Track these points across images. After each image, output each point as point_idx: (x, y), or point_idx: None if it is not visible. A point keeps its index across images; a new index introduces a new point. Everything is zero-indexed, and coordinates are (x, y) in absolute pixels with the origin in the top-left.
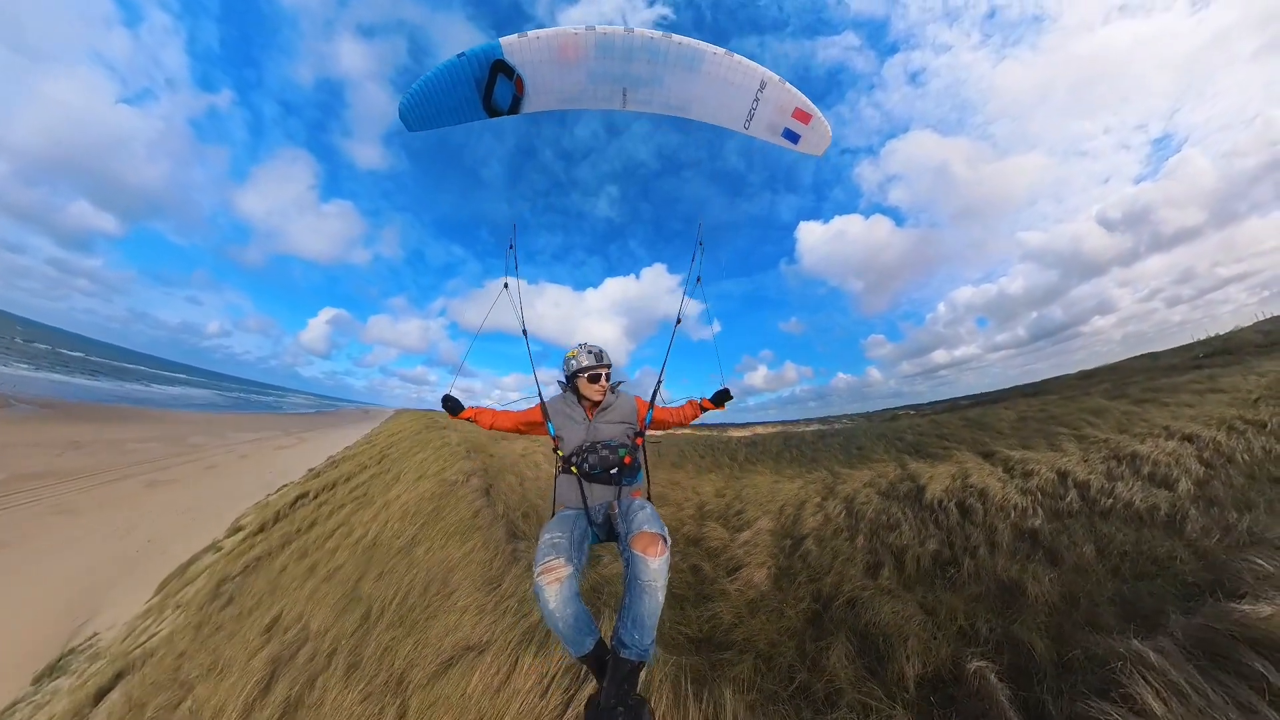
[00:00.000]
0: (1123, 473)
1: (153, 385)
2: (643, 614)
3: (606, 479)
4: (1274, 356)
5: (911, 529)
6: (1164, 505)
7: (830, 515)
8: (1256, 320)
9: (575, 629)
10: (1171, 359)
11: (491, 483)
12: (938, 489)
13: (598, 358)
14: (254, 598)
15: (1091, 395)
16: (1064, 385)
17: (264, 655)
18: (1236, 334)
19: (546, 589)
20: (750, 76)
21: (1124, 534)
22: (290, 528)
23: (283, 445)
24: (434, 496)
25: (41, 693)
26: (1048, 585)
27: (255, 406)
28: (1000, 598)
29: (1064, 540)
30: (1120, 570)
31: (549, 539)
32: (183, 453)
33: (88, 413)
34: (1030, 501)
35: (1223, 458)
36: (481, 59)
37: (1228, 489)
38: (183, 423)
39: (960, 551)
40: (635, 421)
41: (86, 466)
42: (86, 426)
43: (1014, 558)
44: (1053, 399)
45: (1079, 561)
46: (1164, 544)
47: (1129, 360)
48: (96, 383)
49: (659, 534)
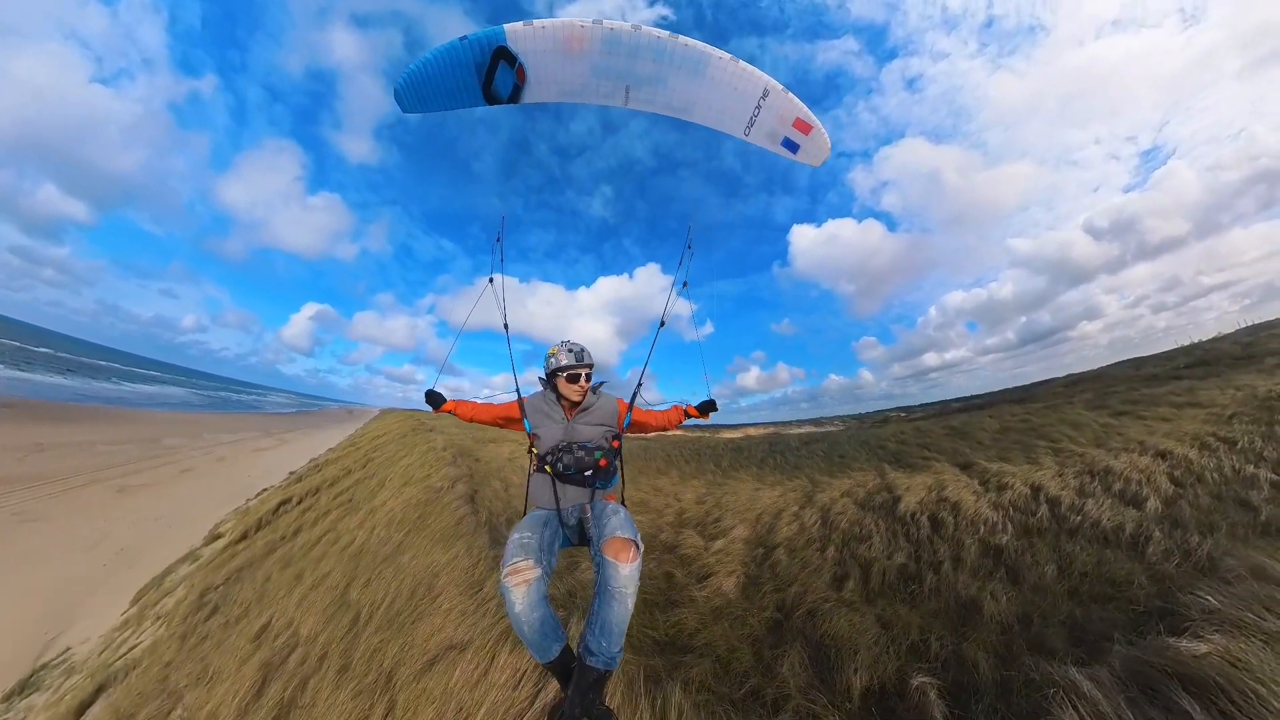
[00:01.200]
0: (1095, 489)
1: (124, 383)
2: (611, 621)
3: (580, 480)
4: (1250, 369)
5: (882, 541)
6: (1130, 525)
7: (805, 525)
8: (1239, 327)
9: (541, 634)
10: (1154, 368)
11: (476, 489)
12: (912, 501)
13: (578, 357)
14: (241, 606)
15: (1074, 404)
16: (1050, 393)
17: (255, 661)
18: (1216, 345)
19: (513, 591)
20: (754, 84)
21: (1088, 554)
22: (274, 535)
23: (262, 447)
24: (419, 504)
25: (13, 710)
26: (1004, 605)
27: (233, 406)
28: (958, 614)
29: (1027, 559)
30: (1078, 592)
31: (518, 539)
32: (156, 455)
33: (53, 412)
34: (1001, 516)
35: (1193, 476)
36: (484, 44)
37: (1194, 510)
38: (156, 423)
39: (925, 566)
40: (615, 424)
41: (52, 471)
42: (52, 427)
43: (976, 575)
44: (1037, 407)
45: (1039, 581)
46: (1124, 566)
47: (1114, 366)
48: (63, 380)
49: (631, 539)
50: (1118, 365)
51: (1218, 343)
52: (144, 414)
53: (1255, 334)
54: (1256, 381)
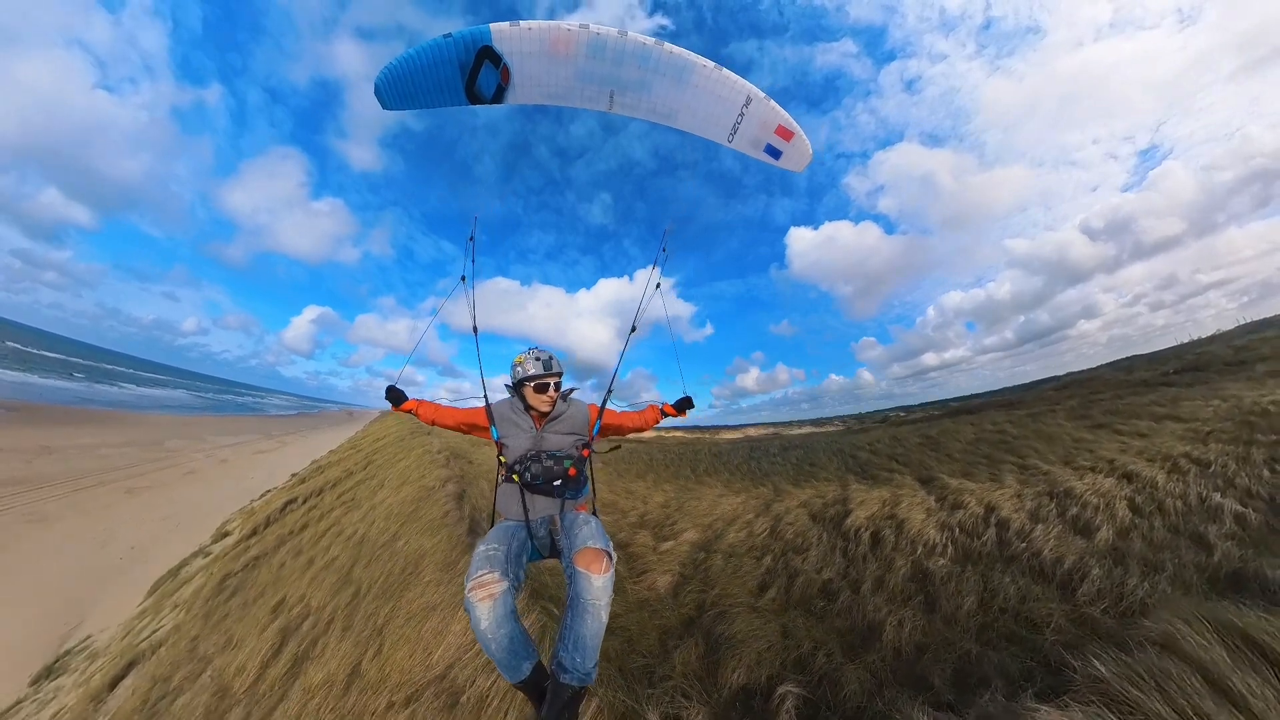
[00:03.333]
0: (1049, 513)
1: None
2: (584, 635)
3: (549, 490)
4: (1240, 377)
5: (819, 555)
6: (1071, 558)
7: (754, 532)
8: (1238, 324)
9: (510, 652)
10: (1144, 372)
11: (464, 489)
12: (861, 516)
13: (546, 365)
14: (258, 588)
15: (1057, 412)
16: (1039, 397)
17: (274, 628)
18: (1208, 349)
19: (478, 606)
20: (736, 91)
21: (1016, 587)
22: (284, 530)
23: (263, 449)
24: (414, 500)
25: (43, 692)
26: (907, 632)
27: (233, 408)
28: (860, 635)
29: (951, 587)
30: (990, 628)
31: (484, 550)
32: (160, 458)
33: (57, 416)
34: (945, 538)
35: (1155, 503)
36: (469, 43)
37: (1145, 545)
38: (158, 426)
39: (848, 583)
40: (585, 432)
41: (60, 473)
42: (57, 430)
43: (894, 598)
44: (1020, 414)
45: (953, 612)
46: (1048, 606)
47: (1109, 366)
48: (65, 383)
49: (603, 550)
50: (1113, 365)
51: (1211, 345)
52: (146, 417)
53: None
54: (1243, 392)
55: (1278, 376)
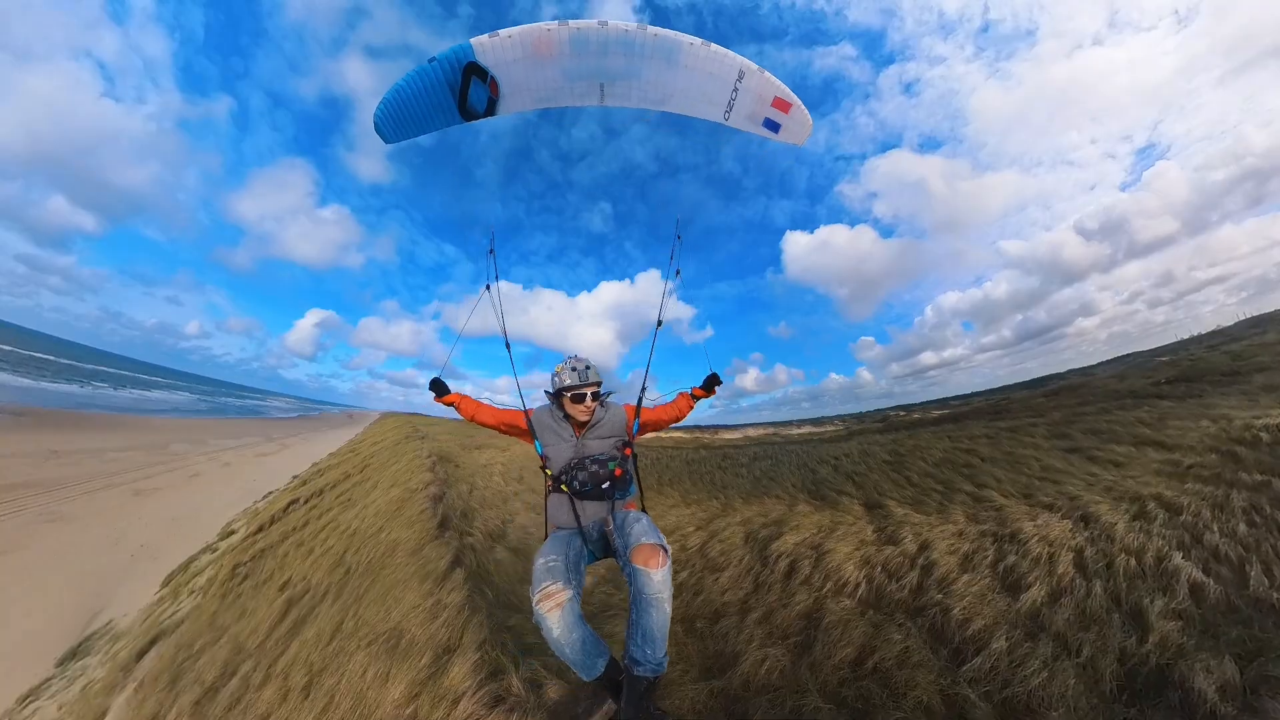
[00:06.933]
0: (983, 560)
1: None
2: (652, 628)
3: (598, 494)
4: (1234, 390)
5: (731, 576)
6: (980, 622)
7: (685, 547)
8: (1239, 319)
9: (584, 653)
10: (1136, 380)
11: (444, 491)
12: (790, 541)
13: (582, 376)
14: (267, 573)
15: (1038, 427)
16: (1026, 407)
17: (280, 600)
18: (1205, 356)
19: (547, 617)
20: (728, 66)
21: (904, 646)
22: (287, 527)
23: (265, 452)
24: (399, 500)
25: (69, 671)
26: (764, 670)
27: (234, 411)
28: (723, 660)
29: (835, 634)
30: (849, 683)
31: (543, 563)
32: (165, 461)
33: (62, 420)
34: (863, 575)
35: (1105, 559)
36: (453, 62)
37: (1073, 615)
38: (162, 430)
39: (741, 609)
40: (624, 433)
41: (69, 476)
42: (63, 435)
43: (773, 633)
44: (1002, 427)
45: (823, 660)
46: (925, 677)
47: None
48: (69, 388)
49: (658, 544)
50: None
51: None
52: (149, 421)
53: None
54: (1236, 411)
55: (1274, 391)
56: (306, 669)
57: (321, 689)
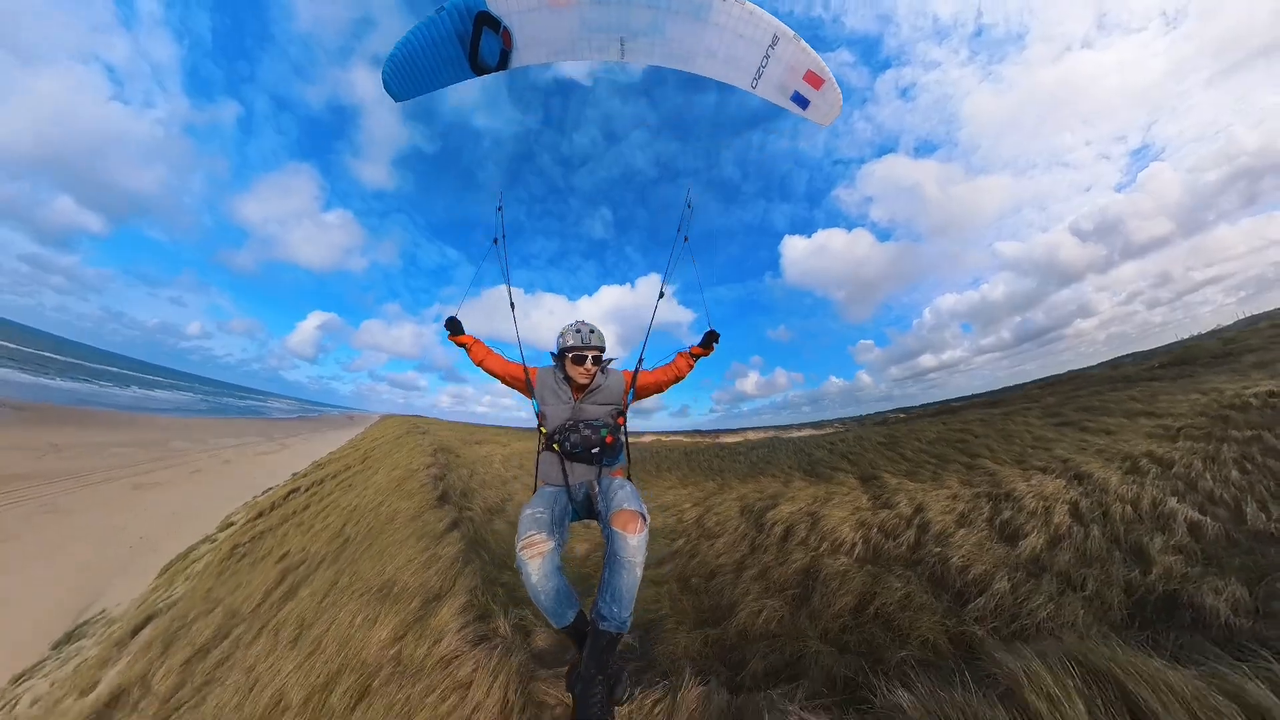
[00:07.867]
0: (978, 517)
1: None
2: (621, 588)
3: (588, 458)
4: (1224, 369)
5: (727, 542)
6: (981, 567)
7: (682, 519)
8: (1238, 318)
9: (556, 601)
10: (1131, 367)
11: (445, 472)
12: (785, 511)
13: (584, 338)
14: (265, 550)
15: (1031, 410)
16: (1021, 396)
17: (277, 569)
18: (1198, 342)
19: (529, 563)
20: (763, 29)
21: (905, 592)
22: (287, 511)
23: (265, 451)
24: (400, 479)
25: (64, 653)
26: (761, 619)
27: (235, 411)
28: (719, 612)
29: (833, 585)
30: (851, 630)
31: (530, 514)
32: (165, 457)
33: (64, 416)
34: (859, 536)
35: (1100, 509)
36: (463, 10)
37: (1073, 557)
38: (163, 427)
39: (736, 568)
40: (620, 400)
41: (69, 469)
42: (64, 430)
43: (770, 588)
44: (996, 413)
45: (822, 609)
46: (927, 619)
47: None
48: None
49: (638, 512)
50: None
51: (1199, 342)
52: (150, 419)
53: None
54: (1226, 384)
55: (1264, 368)
56: (298, 624)
57: (309, 638)
